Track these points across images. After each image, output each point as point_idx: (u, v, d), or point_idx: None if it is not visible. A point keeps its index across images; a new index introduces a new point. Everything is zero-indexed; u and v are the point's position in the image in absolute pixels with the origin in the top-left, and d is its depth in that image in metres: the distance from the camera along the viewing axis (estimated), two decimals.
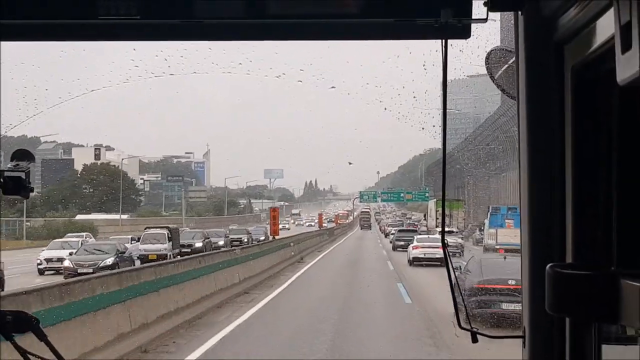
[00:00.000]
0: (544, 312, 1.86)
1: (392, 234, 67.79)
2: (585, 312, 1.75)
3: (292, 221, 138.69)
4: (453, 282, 2.36)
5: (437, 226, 73.65)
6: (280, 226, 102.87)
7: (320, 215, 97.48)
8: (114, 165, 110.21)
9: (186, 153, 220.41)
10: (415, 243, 40.82)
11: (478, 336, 2.37)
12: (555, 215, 2.15)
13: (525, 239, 2.24)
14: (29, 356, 2.51)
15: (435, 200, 76.74)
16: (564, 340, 2.10)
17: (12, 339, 2.55)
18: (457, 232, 59.10)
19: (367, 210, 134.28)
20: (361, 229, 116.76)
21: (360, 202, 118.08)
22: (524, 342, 2.24)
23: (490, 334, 2.39)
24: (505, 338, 2.41)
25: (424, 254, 39.31)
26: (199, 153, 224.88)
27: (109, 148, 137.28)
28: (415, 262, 39.20)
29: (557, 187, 2.14)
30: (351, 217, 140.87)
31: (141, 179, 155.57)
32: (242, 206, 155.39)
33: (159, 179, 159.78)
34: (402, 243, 56.93)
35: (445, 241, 2.51)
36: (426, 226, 78.05)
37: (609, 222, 1.98)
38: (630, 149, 1.92)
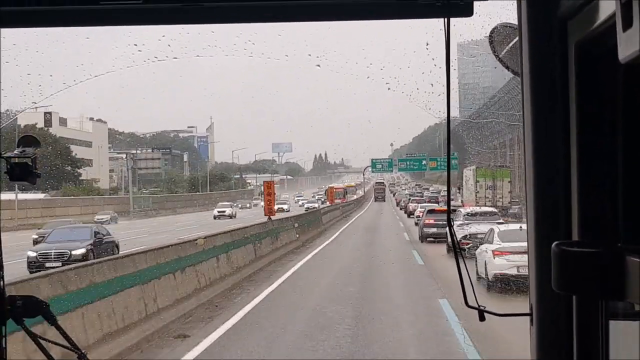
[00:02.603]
0: (550, 290, 1.92)
1: (418, 216, 45.23)
2: (591, 290, 1.80)
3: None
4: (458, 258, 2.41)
5: (477, 201, 52.27)
6: (218, 212, 68.85)
7: (268, 186, 39.95)
8: (49, 130, 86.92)
9: (188, 127, 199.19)
10: (497, 244, 18.49)
11: (485, 314, 2.42)
12: (561, 193, 2.21)
13: (531, 217, 2.31)
14: (40, 340, 2.57)
15: (473, 167, 55.71)
16: (571, 317, 2.18)
17: (23, 323, 2.61)
18: (496, 212, 35.84)
19: (382, 181, 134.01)
20: (375, 200, 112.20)
21: (373, 172, 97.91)
22: (531, 320, 2.31)
23: (497, 312, 2.41)
24: (512, 316, 2.43)
25: (518, 266, 17.34)
26: (202, 128, 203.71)
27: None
28: (500, 282, 17.36)
29: (562, 164, 2.20)
30: (355, 196, 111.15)
31: (126, 152, 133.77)
32: (233, 182, 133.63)
33: (140, 152, 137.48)
34: (435, 230, 34.71)
35: (452, 220, 2.60)
36: (462, 201, 60.08)
37: (615, 199, 2.04)
38: (635, 125, 1.96)
